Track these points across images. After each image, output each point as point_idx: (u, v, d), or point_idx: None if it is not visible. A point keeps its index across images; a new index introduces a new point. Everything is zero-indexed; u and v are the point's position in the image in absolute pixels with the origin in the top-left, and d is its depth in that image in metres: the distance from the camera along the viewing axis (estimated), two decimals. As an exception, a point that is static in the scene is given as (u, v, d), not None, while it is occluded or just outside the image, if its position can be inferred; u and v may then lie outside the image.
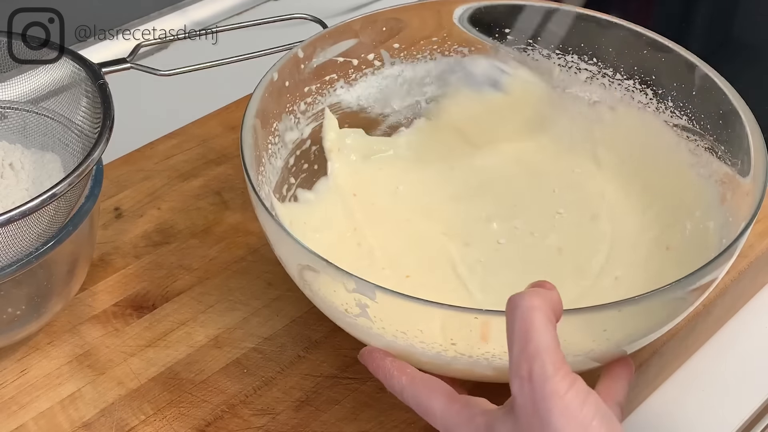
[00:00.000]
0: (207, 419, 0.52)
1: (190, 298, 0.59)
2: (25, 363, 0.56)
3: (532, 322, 0.39)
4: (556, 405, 0.38)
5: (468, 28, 0.65)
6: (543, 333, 0.39)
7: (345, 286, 0.46)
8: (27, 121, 0.60)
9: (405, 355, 0.48)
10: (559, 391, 0.38)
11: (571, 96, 0.65)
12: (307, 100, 0.62)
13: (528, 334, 0.39)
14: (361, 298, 0.45)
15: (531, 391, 0.39)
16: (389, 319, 0.46)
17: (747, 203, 0.51)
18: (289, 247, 0.48)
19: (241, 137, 0.53)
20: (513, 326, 0.40)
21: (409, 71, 0.65)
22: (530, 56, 0.65)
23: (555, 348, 0.39)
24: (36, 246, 0.51)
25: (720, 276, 0.49)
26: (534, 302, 0.40)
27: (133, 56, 0.63)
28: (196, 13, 0.90)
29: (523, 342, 0.39)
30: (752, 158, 0.52)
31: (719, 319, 0.61)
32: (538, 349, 0.39)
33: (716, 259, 0.46)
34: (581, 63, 0.64)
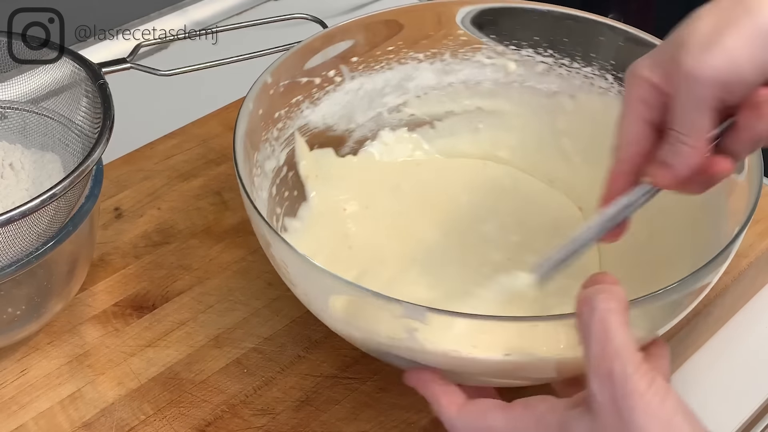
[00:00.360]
0: (207, 419, 0.52)
1: (190, 298, 0.59)
2: (25, 363, 0.56)
3: (610, 324, 0.40)
4: (638, 403, 0.38)
5: (470, 28, 0.65)
6: (622, 334, 0.40)
7: (391, 313, 0.44)
8: (27, 121, 0.60)
9: (457, 367, 0.47)
10: (639, 389, 0.39)
11: (529, 89, 0.65)
12: (278, 126, 0.60)
13: (607, 335, 0.40)
14: (409, 322, 0.44)
15: (612, 390, 0.39)
16: (439, 339, 0.45)
17: (742, 204, 0.50)
18: (321, 280, 0.46)
19: (238, 177, 0.51)
20: (590, 327, 0.40)
21: (369, 83, 0.64)
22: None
23: (634, 348, 0.40)
24: (36, 246, 0.51)
25: (714, 280, 0.49)
26: (611, 304, 0.40)
27: (133, 56, 0.63)
28: (196, 13, 0.90)
29: (603, 342, 0.40)
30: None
31: (719, 319, 0.61)
32: (618, 350, 0.39)
33: (711, 263, 0.46)
34: (537, 56, 0.64)
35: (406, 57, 0.64)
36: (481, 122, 0.67)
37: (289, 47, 0.61)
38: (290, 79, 0.59)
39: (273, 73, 0.58)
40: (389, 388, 0.54)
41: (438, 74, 0.65)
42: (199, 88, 0.73)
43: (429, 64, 0.64)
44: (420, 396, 0.53)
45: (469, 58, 0.65)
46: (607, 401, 0.39)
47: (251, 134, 0.56)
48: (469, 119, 0.67)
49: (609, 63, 0.62)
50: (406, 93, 0.65)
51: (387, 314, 0.45)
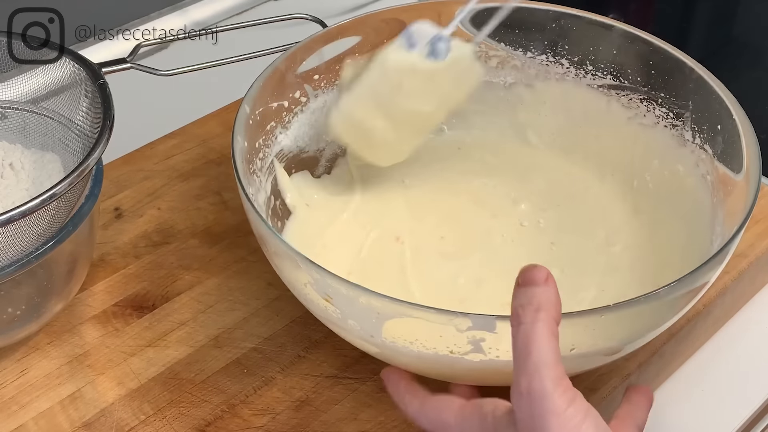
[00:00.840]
0: (207, 419, 0.52)
1: (190, 298, 0.59)
2: (25, 363, 0.56)
3: (533, 336, 0.39)
4: (554, 422, 0.38)
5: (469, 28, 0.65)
6: (544, 347, 0.39)
7: (457, 327, 0.44)
8: (27, 121, 0.60)
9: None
10: (557, 408, 0.38)
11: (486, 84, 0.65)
12: (260, 155, 0.59)
13: (528, 348, 0.39)
14: (476, 334, 0.44)
15: (530, 407, 0.39)
16: (508, 348, 0.44)
17: (740, 204, 0.50)
18: (377, 307, 0.45)
19: (264, 223, 0.50)
20: (515, 340, 0.40)
21: (331, 99, 0.62)
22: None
23: (555, 363, 0.39)
24: (36, 246, 0.51)
25: (712, 279, 0.49)
26: (538, 315, 0.40)
27: (133, 56, 0.63)
28: (196, 13, 0.90)
29: (524, 356, 0.39)
30: (744, 156, 0.52)
31: (719, 319, 0.61)
32: (537, 365, 0.39)
33: (709, 262, 0.46)
34: (489, 51, 0.64)
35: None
36: (443, 123, 0.67)
37: (290, 47, 0.61)
38: (263, 106, 0.58)
39: (249, 102, 0.57)
40: (389, 388, 0.54)
41: None
42: (199, 88, 0.73)
43: None
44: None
45: None
46: (525, 417, 0.39)
47: (243, 170, 0.54)
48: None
49: (563, 48, 0.63)
50: None
51: (451, 329, 0.44)
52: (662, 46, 0.59)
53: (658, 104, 0.60)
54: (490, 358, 0.45)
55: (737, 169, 0.52)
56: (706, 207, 0.56)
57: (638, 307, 0.44)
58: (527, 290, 0.41)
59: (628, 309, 0.44)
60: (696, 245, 0.54)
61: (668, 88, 0.60)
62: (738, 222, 0.49)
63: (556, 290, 0.41)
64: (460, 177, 0.65)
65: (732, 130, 0.54)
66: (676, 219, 0.58)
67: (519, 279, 0.41)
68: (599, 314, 0.44)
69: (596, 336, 0.46)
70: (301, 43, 0.61)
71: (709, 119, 0.57)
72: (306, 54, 0.61)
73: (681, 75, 0.58)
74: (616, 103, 0.62)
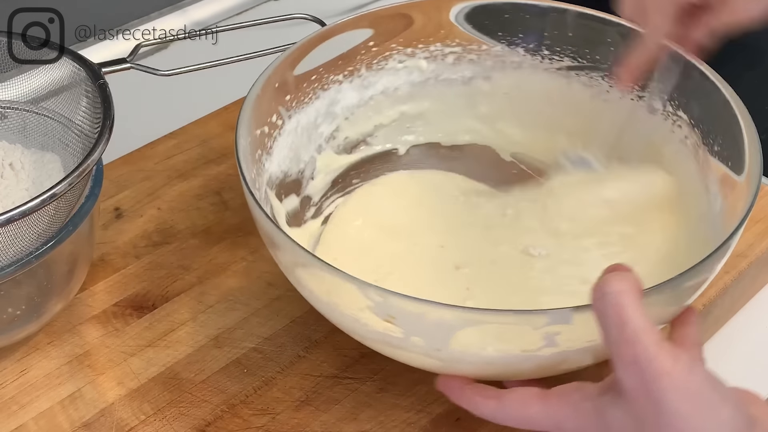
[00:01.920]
0: (207, 419, 0.52)
1: (190, 298, 0.59)
2: (25, 363, 0.56)
3: (624, 307, 0.40)
4: (666, 383, 0.39)
5: (467, 28, 0.65)
6: (637, 315, 0.40)
7: (533, 326, 0.44)
8: (27, 121, 0.60)
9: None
10: (665, 368, 0.39)
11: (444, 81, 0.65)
12: (256, 186, 0.56)
13: (622, 319, 0.40)
14: (552, 329, 0.44)
15: (639, 374, 0.39)
16: (579, 337, 0.45)
17: (741, 204, 0.50)
18: (446, 319, 0.44)
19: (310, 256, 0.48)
20: (605, 312, 0.40)
21: (303, 118, 0.61)
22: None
23: (651, 328, 0.40)
24: (36, 246, 0.51)
25: (710, 278, 0.49)
26: (621, 286, 0.40)
27: (133, 56, 0.63)
28: (196, 13, 0.90)
29: (620, 327, 0.40)
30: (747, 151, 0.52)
31: (719, 319, 0.61)
32: (636, 332, 0.39)
33: (707, 260, 0.46)
34: (445, 48, 0.64)
35: (327, 82, 0.62)
36: (409, 125, 0.67)
37: (290, 47, 0.61)
38: (248, 135, 0.56)
39: (244, 134, 0.54)
40: (389, 388, 0.54)
41: (359, 91, 0.64)
42: (199, 88, 0.73)
43: (349, 83, 0.63)
44: (420, 396, 0.53)
45: (383, 67, 0.64)
46: (636, 386, 0.40)
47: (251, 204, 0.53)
48: (398, 127, 0.67)
49: (518, 37, 0.64)
50: (336, 118, 0.64)
51: (527, 329, 0.44)
52: (623, 22, 0.59)
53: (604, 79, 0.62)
54: (562, 350, 0.45)
55: (739, 170, 0.52)
56: (692, 171, 0.57)
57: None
58: (611, 273, 0.42)
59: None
60: (696, 244, 0.54)
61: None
62: (738, 218, 0.48)
63: (635, 272, 0.42)
64: (444, 176, 0.66)
65: (734, 129, 0.54)
66: (676, 219, 0.58)
67: (601, 275, 0.42)
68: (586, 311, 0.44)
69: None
70: (269, 69, 0.58)
71: (710, 117, 0.57)
72: (281, 78, 0.60)
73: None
74: (576, 83, 0.63)
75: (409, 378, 0.53)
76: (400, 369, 0.52)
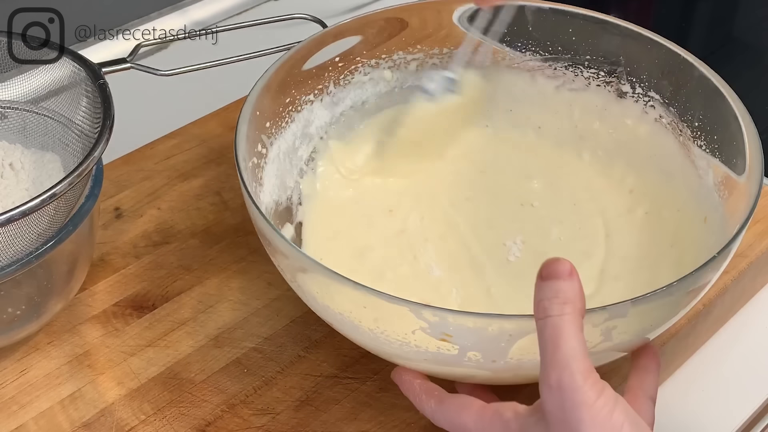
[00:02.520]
0: (207, 419, 0.52)
1: (190, 298, 0.59)
2: (25, 363, 0.56)
3: (561, 330, 0.40)
4: (586, 414, 0.39)
5: (466, 26, 0.65)
6: (572, 340, 0.40)
7: (593, 323, 0.43)
8: (27, 121, 0.60)
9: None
10: (588, 400, 0.39)
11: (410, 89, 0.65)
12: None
13: (557, 342, 0.40)
14: (610, 324, 0.44)
15: (561, 401, 0.39)
16: (632, 329, 0.45)
17: (743, 203, 0.51)
18: (507, 325, 0.44)
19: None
20: (543, 333, 0.40)
21: (283, 144, 0.60)
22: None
23: (583, 356, 0.40)
24: (36, 246, 0.51)
25: (713, 279, 0.49)
26: (565, 309, 0.40)
27: (133, 56, 0.63)
28: (196, 13, 0.90)
29: (552, 350, 0.40)
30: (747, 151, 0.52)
31: (719, 319, 0.61)
32: (567, 358, 0.39)
33: (710, 262, 0.46)
34: (408, 56, 0.65)
35: (300, 103, 0.62)
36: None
37: (290, 47, 0.61)
38: (244, 170, 0.54)
39: (242, 170, 0.53)
40: (389, 388, 0.54)
41: (329, 108, 0.64)
42: (199, 88, 0.73)
43: (319, 102, 0.63)
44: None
45: (350, 81, 0.64)
46: (556, 411, 0.39)
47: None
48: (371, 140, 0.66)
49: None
50: (312, 139, 0.63)
51: (588, 327, 0.43)
52: (580, 11, 0.61)
53: (585, 67, 0.62)
54: (615, 342, 0.46)
55: (740, 170, 0.52)
56: (673, 150, 0.57)
57: (637, 307, 0.44)
58: (552, 284, 0.41)
59: (627, 308, 0.44)
60: (698, 245, 0.54)
61: (593, 50, 0.62)
62: (739, 222, 0.48)
63: (580, 284, 0.41)
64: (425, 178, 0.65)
65: (735, 129, 0.54)
66: (648, 169, 0.59)
67: (542, 272, 0.42)
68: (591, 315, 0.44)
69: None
70: (251, 98, 0.57)
71: (710, 117, 0.57)
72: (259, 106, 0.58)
73: (607, 35, 0.61)
74: (540, 76, 0.64)
75: (409, 378, 0.53)
76: (400, 369, 0.52)
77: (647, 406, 0.46)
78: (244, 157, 0.53)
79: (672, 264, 0.56)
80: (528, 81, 0.65)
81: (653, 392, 0.47)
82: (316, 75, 0.63)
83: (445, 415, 0.46)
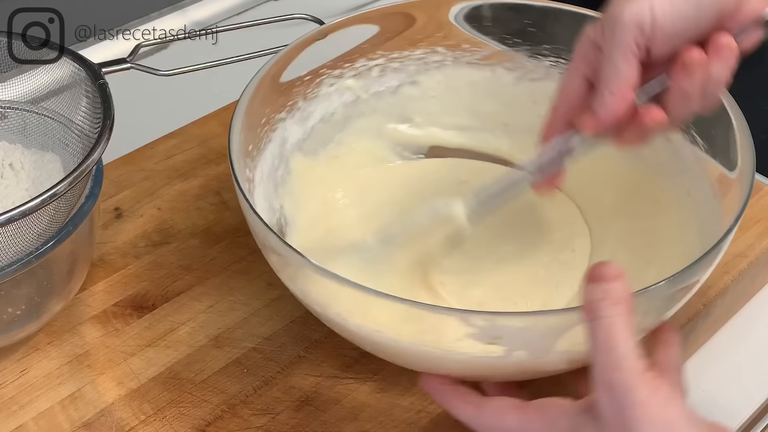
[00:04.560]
0: (207, 419, 0.52)
1: (190, 298, 0.59)
2: (25, 363, 0.56)
3: (613, 332, 0.40)
4: (640, 413, 0.39)
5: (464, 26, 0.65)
6: (624, 341, 0.40)
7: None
8: (27, 121, 0.60)
9: None
10: (642, 399, 0.39)
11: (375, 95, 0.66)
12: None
13: (610, 342, 0.40)
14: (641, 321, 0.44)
15: (616, 401, 0.40)
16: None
17: (737, 203, 0.50)
18: (553, 320, 0.45)
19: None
20: (596, 335, 0.41)
21: (265, 166, 0.59)
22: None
23: (636, 355, 0.40)
24: (36, 246, 0.51)
25: (704, 278, 0.49)
26: (615, 311, 0.41)
27: (133, 56, 0.64)
28: (196, 13, 0.90)
29: (605, 351, 0.40)
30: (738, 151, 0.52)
31: (719, 319, 0.61)
32: (621, 359, 0.40)
33: (702, 259, 0.46)
34: (369, 62, 0.65)
35: (274, 122, 0.61)
36: None
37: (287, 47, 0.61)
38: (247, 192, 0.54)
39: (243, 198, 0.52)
40: (389, 388, 0.54)
41: (301, 124, 0.63)
42: (199, 88, 0.73)
43: (291, 118, 0.62)
44: (420, 396, 0.53)
45: (317, 94, 0.64)
46: (612, 411, 0.40)
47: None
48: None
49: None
50: (287, 159, 0.62)
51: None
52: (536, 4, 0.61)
53: (544, 57, 0.63)
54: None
55: (732, 167, 0.52)
56: (703, 206, 0.56)
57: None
58: (601, 285, 0.42)
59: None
60: (693, 243, 0.54)
61: (550, 40, 0.62)
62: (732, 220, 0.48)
63: (628, 285, 0.42)
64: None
65: (726, 127, 0.54)
66: (674, 218, 0.59)
67: (590, 275, 0.42)
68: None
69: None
70: (235, 125, 0.55)
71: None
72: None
73: (560, 24, 0.61)
74: (499, 69, 0.64)
75: (409, 378, 0.53)
76: (400, 369, 0.52)
77: (677, 377, 0.47)
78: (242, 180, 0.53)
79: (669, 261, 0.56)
80: (489, 74, 0.65)
81: (679, 362, 0.48)
82: (285, 91, 0.61)
83: (486, 420, 0.46)
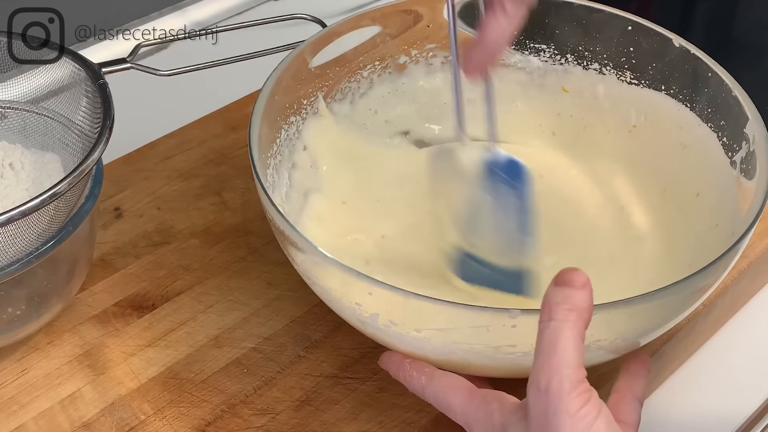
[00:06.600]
0: (207, 419, 0.52)
1: (190, 298, 0.59)
2: (25, 363, 0.56)
3: (562, 334, 0.40)
4: (566, 422, 0.39)
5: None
6: (570, 347, 0.40)
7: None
8: (27, 121, 0.60)
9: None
10: (571, 408, 0.39)
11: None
12: None
13: (554, 346, 0.40)
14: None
15: (545, 405, 0.39)
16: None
17: (749, 204, 0.50)
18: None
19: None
20: (543, 335, 0.41)
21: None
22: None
23: (578, 365, 0.40)
24: (36, 246, 0.51)
25: (719, 280, 0.49)
26: (569, 316, 0.40)
27: (133, 56, 0.63)
28: (196, 13, 0.90)
29: (547, 354, 0.40)
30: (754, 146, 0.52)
31: (719, 319, 0.61)
32: (560, 364, 0.39)
33: (717, 261, 0.46)
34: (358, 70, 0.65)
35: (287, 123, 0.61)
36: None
37: (290, 47, 0.61)
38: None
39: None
40: (389, 388, 0.54)
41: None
42: (199, 88, 0.73)
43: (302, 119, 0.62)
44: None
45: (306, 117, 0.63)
46: (539, 414, 0.40)
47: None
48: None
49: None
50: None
51: None
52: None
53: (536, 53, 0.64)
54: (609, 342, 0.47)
55: (750, 174, 0.52)
56: (718, 211, 0.56)
57: (638, 306, 0.44)
58: (564, 290, 0.41)
59: (633, 306, 0.44)
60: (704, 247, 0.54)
61: (549, 39, 0.64)
62: (746, 225, 0.48)
63: (591, 297, 0.41)
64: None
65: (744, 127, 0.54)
66: (686, 222, 0.59)
67: (557, 279, 0.42)
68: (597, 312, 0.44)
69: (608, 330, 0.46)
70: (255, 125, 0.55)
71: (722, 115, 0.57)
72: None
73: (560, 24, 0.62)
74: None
75: (409, 378, 0.53)
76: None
77: (634, 406, 0.47)
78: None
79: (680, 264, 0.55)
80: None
81: (641, 394, 0.48)
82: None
83: (434, 393, 0.47)
